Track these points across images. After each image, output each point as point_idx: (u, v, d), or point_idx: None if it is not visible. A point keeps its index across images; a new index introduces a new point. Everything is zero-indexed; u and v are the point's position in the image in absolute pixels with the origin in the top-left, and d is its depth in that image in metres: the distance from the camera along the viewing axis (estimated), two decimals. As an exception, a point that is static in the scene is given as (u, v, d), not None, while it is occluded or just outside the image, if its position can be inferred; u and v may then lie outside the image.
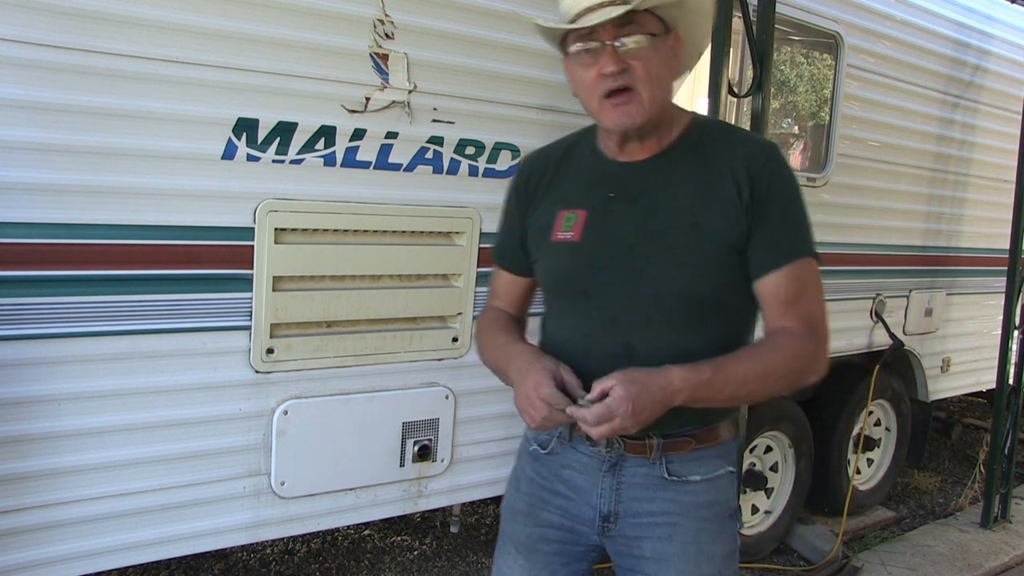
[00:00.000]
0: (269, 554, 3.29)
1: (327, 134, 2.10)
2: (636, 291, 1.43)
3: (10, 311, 1.78)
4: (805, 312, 1.42)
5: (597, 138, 1.57)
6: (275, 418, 2.16)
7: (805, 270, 1.42)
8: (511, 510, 1.63)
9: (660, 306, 1.42)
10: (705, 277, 1.41)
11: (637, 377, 1.33)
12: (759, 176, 1.40)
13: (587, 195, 1.51)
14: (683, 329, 1.42)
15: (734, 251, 1.41)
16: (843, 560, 3.54)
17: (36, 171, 1.75)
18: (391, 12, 2.14)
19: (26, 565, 1.89)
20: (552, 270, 1.54)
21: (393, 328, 2.33)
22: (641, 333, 1.43)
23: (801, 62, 3.67)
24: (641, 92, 1.38)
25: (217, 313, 2.03)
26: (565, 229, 1.50)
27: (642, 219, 1.44)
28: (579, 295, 1.49)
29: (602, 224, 1.47)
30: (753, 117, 2.76)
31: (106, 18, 1.77)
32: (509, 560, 1.60)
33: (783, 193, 1.42)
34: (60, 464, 1.89)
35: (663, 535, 1.48)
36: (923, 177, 3.88)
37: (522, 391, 1.42)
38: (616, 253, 1.45)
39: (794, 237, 1.43)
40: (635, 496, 1.50)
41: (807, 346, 1.42)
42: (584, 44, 1.38)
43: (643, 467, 1.49)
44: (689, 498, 1.49)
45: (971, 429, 5.61)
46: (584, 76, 1.40)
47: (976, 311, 4.43)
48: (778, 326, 1.43)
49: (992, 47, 4.07)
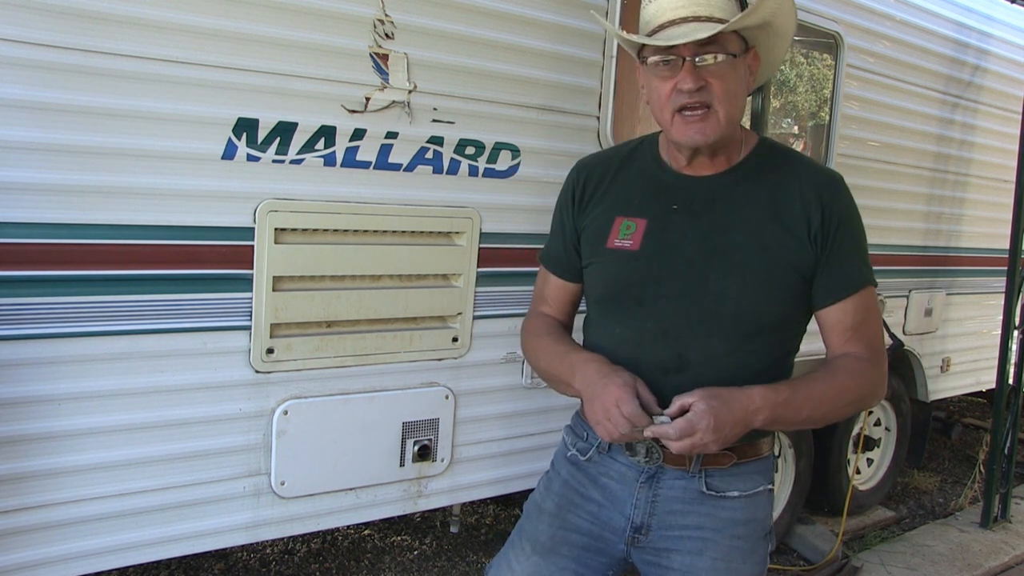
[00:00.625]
0: (269, 554, 3.29)
1: (327, 134, 2.10)
2: (693, 305, 1.42)
3: (10, 311, 1.78)
4: (869, 338, 1.45)
5: (660, 148, 1.55)
6: (275, 418, 2.16)
7: (868, 298, 1.45)
8: (537, 509, 1.61)
9: (718, 322, 1.42)
10: (768, 299, 1.42)
11: (719, 393, 1.32)
12: (829, 207, 1.42)
13: (648, 204, 1.50)
14: (737, 346, 1.42)
15: (798, 276, 1.42)
16: (843, 560, 3.54)
17: (36, 171, 1.75)
18: (391, 12, 2.14)
19: (26, 565, 1.89)
20: (606, 277, 1.52)
21: (393, 328, 2.33)
22: (695, 347, 1.43)
23: (801, 62, 3.67)
24: (717, 110, 1.37)
25: (217, 313, 2.03)
26: (623, 236, 1.49)
27: (706, 234, 1.44)
28: (633, 304, 1.47)
29: (662, 235, 1.46)
30: (753, 117, 2.77)
31: (106, 18, 1.77)
32: (521, 556, 1.58)
33: (851, 226, 1.45)
34: (60, 464, 1.89)
35: (694, 549, 1.46)
36: (923, 177, 3.88)
37: (600, 405, 1.38)
38: (675, 265, 1.44)
39: (860, 268, 1.45)
40: (670, 509, 1.48)
41: (874, 371, 1.43)
42: (663, 56, 1.37)
43: (682, 479, 1.48)
44: (726, 514, 1.48)
45: (971, 429, 5.61)
46: (660, 88, 1.39)
47: (976, 311, 4.43)
48: (842, 350, 1.44)
49: (992, 47, 4.07)
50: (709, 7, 1.35)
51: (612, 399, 1.36)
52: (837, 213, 1.42)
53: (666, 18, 1.36)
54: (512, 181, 2.43)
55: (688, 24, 1.34)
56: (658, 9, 1.37)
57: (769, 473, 1.55)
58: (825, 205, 1.42)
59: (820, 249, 1.42)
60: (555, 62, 2.44)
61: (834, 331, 1.45)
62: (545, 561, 1.54)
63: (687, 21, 1.35)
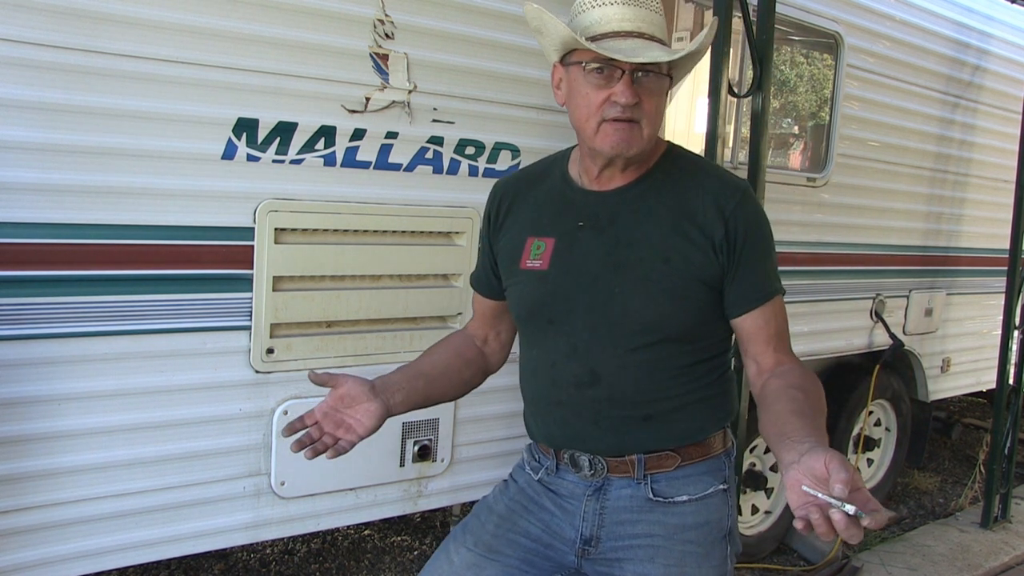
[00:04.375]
0: (269, 554, 3.29)
1: (327, 134, 2.10)
2: (600, 320, 1.44)
3: (10, 311, 1.78)
4: (787, 344, 1.47)
5: (569, 164, 1.56)
6: (275, 418, 2.15)
7: (779, 305, 1.47)
8: (487, 509, 1.61)
9: (625, 336, 1.43)
10: (673, 310, 1.42)
11: (832, 455, 1.14)
12: (733, 218, 1.41)
13: (555, 223, 1.51)
14: (646, 356, 1.43)
15: (704, 287, 1.42)
16: (843, 560, 3.54)
17: (36, 171, 1.75)
18: (391, 12, 2.14)
19: (26, 565, 1.89)
20: (520, 298, 1.54)
21: (393, 328, 2.33)
22: (604, 359, 1.44)
23: (801, 62, 3.67)
24: (644, 127, 1.38)
25: (217, 313, 2.03)
26: (534, 257, 1.51)
27: (609, 249, 1.45)
28: (545, 323, 1.50)
29: (569, 253, 1.48)
30: (753, 117, 2.76)
31: (106, 18, 1.77)
32: (462, 549, 1.55)
33: (758, 235, 1.44)
34: (60, 464, 1.89)
35: (645, 556, 1.46)
36: (923, 177, 3.88)
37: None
38: (581, 282, 1.45)
39: (770, 276, 1.46)
40: (619, 519, 1.48)
41: (810, 374, 1.44)
42: (602, 64, 1.36)
43: (628, 488, 1.48)
44: (676, 520, 1.47)
45: (971, 429, 5.61)
46: (591, 95, 1.38)
47: (976, 311, 4.43)
48: (774, 359, 1.44)
49: (992, 47, 4.07)
50: (652, 26, 1.37)
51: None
52: (742, 224, 1.41)
53: (611, 28, 1.36)
54: (512, 181, 2.44)
55: (633, 39, 1.35)
56: (603, 17, 1.37)
57: (722, 472, 1.52)
58: (728, 217, 1.41)
59: (727, 260, 1.41)
60: (555, 62, 2.44)
61: (757, 339, 1.45)
62: (487, 557, 1.53)
63: (632, 36, 1.35)
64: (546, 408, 1.53)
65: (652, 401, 1.45)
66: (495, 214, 1.61)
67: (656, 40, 1.37)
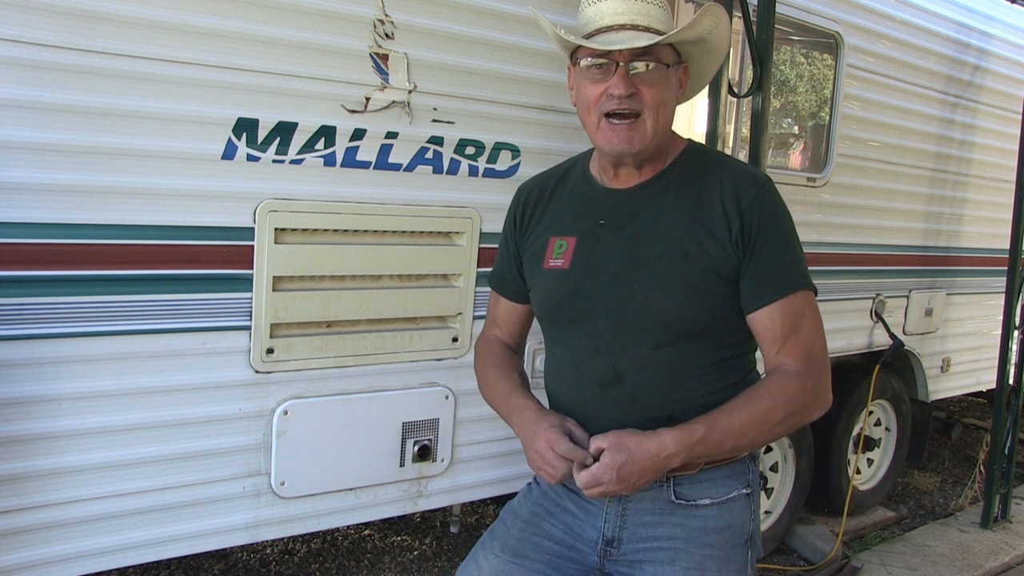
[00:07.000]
0: (269, 554, 3.29)
1: (327, 134, 2.10)
2: (621, 318, 1.43)
3: (10, 311, 1.78)
4: (802, 347, 1.42)
5: (590, 163, 1.56)
6: (275, 418, 2.16)
7: (800, 304, 1.42)
8: (512, 514, 1.62)
9: (645, 333, 1.42)
10: (693, 306, 1.41)
11: (626, 443, 1.34)
12: (749, 211, 1.40)
13: (577, 222, 1.51)
14: (668, 354, 1.42)
15: (723, 281, 1.41)
16: (843, 560, 3.54)
17: (36, 171, 1.75)
18: (391, 12, 2.14)
19: (26, 565, 1.89)
20: (542, 298, 1.54)
21: (393, 328, 2.33)
22: (627, 359, 1.43)
23: (801, 62, 3.67)
24: (646, 119, 1.38)
25: (217, 313, 2.03)
26: (556, 256, 1.51)
27: (629, 246, 1.44)
28: (567, 323, 1.49)
29: (590, 251, 1.48)
30: (753, 117, 2.77)
31: (106, 18, 1.77)
32: (490, 555, 1.57)
33: (774, 228, 1.42)
34: (60, 464, 1.89)
35: (666, 559, 1.46)
36: (923, 177, 3.88)
37: (535, 452, 1.42)
38: (601, 280, 1.45)
39: (787, 272, 1.42)
40: (641, 521, 1.48)
41: (805, 384, 1.41)
42: (596, 59, 1.37)
43: (651, 490, 1.46)
44: (698, 523, 1.46)
45: (971, 429, 5.61)
46: (589, 91, 1.39)
47: (976, 311, 4.43)
48: (775, 362, 1.43)
49: (992, 47, 4.07)
50: (648, 18, 1.37)
51: (544, 443, 1.40)
52: (757, 217, 1.40)
53: (605, 23, 1.37)
54: (512, 181, 2.43)
55: (626, 31, 1.36)
56: (598, 13, 1.38)
57: (745, 476, 1.52)
58: (744, 209, 1.40)
59: (743, 253, 1.40)
60: (555, 62, 2.44)
61: (764, 340, 1.43)
62: (514, 563, 1.54)
63: (625, 28, 1.36)
64: (570, 407, 1.51)
65: (676, 401, 1.43)
66: (520, 216, 1.61)
67: (653, 31, 1.36)
